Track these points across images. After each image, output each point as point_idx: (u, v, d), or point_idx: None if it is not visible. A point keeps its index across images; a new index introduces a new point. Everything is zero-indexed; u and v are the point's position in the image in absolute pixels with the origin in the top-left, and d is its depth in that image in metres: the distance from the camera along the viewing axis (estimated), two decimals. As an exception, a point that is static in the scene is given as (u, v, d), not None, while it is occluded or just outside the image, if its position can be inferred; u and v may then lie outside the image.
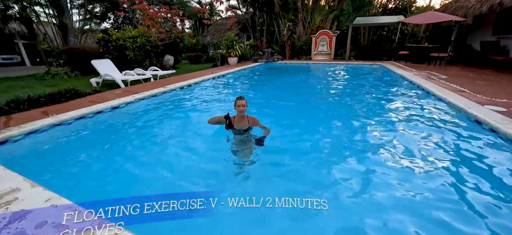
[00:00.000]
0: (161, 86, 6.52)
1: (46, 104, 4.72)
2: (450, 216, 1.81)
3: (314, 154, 3.02)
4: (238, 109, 2.84)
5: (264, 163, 2.65)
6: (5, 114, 4.08)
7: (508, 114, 3.48)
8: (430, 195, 2.06)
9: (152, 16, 12.06)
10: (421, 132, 3.37)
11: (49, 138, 3.39)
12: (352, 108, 4.91)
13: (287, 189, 2.27)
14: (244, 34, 17.84)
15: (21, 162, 2.78)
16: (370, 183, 2.31)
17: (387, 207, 1.95)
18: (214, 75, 8.72)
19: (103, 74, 7.29)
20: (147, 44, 10.14)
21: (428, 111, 4.24)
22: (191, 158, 2.88)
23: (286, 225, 1.77)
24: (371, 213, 1.92)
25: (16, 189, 1.92)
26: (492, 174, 2.34)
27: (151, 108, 4.86)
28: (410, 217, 1.82)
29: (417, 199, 2.03)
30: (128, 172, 2.60)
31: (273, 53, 14.74)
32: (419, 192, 2.11)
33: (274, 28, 17.38)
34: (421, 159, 2.66)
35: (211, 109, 4.86)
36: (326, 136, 3.61)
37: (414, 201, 2.01)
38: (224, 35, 16.42)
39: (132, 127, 3.88)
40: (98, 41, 9.81)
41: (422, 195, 2.07)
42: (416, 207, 1.94)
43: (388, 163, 2.62)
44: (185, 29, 21.10)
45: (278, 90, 7.16)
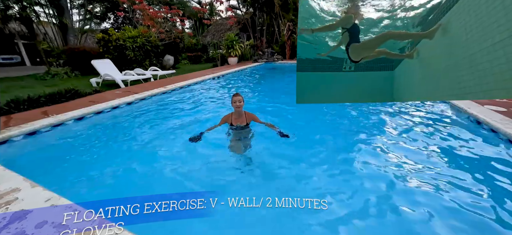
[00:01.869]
0: (161, 86, 6.52)
1: (46, 104, 4.72)
2: (450, 216, 1.81)
3: (314, 153, 3.01)
4: (234, 105, 2.85)
5: (264, 163, 2.65)
6: (5, 115, 4.08)
7: (508, 114, 3.48)
8: (429, 195, 2.06)
9: (152, 16, 12.07)
10: (420, 132, 3.37)
11: (49, 138, 3.39)
12: (353, 107, 4.90)
13: (287, 189, 2.27)
14: (244, 34, 17.84)
15: (21, 162, 2.78)
16: (370, 183, 2.31)
17: (387, 207, 1.95)
18: (214, 75, 8.72)
19: (103, 74, 7.28)
20: (147, 44, 10.14)
21: (428, 111, 4.24)
22: (191, 158, 2.88)
23: (286, 225, 1.77)
24: (371, 213, 1.91)
25: (16, 189, 1.92)
26: (492, 174, 2.34)
27: (151, 108, 4.86)
28: (410, 216, 1.82)
29: (417, 199, 2.02)
30: (128, 172, 2.60)
31: (273, 53, 14.75)
32: (418, 192, 2.11)
33: (274, 28, 17.38)
34: (420, 159, 2.65)
35: (211, 109, 4.86)
36: (327, 136, 3.60)
37: (414, 201, 2.01)
38: (224, 35, 16.44)
39: (132, 127, 3.88)
40: (98, 41, 9.82)
41: (421, 195, 2.06)
42: (416, 207, 1.93)
43: (388, 163, 2.61)
44: (185, 29, 21.09)
45: (278, 90, 7.16)
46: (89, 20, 16.98)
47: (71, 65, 10.07)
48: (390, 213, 1.89)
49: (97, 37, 9.99)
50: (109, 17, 20.51)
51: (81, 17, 16.05)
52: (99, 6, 18.94)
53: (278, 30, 17.26)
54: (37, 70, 11.12)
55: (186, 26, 23.07)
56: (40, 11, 12.69)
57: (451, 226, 1.72)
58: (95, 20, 19.08)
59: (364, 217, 1.88)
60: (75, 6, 15.63)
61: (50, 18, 13.20)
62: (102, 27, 20.12)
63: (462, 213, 1.85)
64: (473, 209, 1.88)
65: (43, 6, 12.69)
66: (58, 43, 13.37)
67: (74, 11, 15.45)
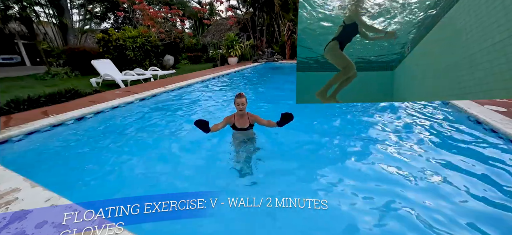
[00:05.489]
0: (161, 86, 6.52)
1: (46, 104, 4.72)
2: (449, 216, 1.81)
3: (315, 153, 3.01)
4: (237, 107, 2.78)
5: (265, 163, 2.65)
6: (5, 115, 4.08)
7: (508, 114, 3.48)
8: (429, 194, 2.06)
9: (152, 16, 12.07)
10: (420, 132, 3.37)
11: (49, 138, 3.39)
12: (353, 108, 4.90)
13: (287, 189, 2.27)
14: (244, 34, 17.84)
15: (21, 162, 2.78)
16: (370, 183, 2.31)
17: (387, 207, 1.95)
18: (214, 75, 8.72)
19: (103, 74, 7.28)
20: (147, 44, 10.14)
21: (428, 111, 4.24)
22: (192, 158, 2.88)
23: (286, 225, 1.77)
24: (371, 213, 1.91)
25: (16, 189, 1.92)
26: (492, 174, 2.34)
27: (151, 108, 4.86)
28: (410, 216, 1.82)
29: (417, 199, 2.02)
30: (128, 171, 2.60)
31: (273, 53, 14.75)
32: (418, 192, 2.11)
33: (274, 28, 17.37)
34: (420, 159, 2.66)
35: (211, 109, 4.86)
36: (327, 135, 3.60)
37: (414, 200, 2.01)
38: (224, 35, 16.43)
39: (132, 127, 3.88)
40: (98, 41, 9.82)
41: (421, 195, 2.07)
42: (416, 207, 1.93)
43: (387, 162, 2.61)
44: (185, 29, 21.09)
45: (278, 90, 7.16)
46: (89, 20, 16.98)
47: (71, 65, 10.07)
48: (390, 213, 1.89)
49: (97, 37, 9.99)
50: (109, 17, 20.50)
51: (81, 17, 16.05)
52: (99, 6, 18.92)
53: (278, 30, 17.26)
54: (37, 70, 11.11)
55: (186, 26, 23.06)
56: (40, 11, 12.70)
57: (451, 226, 1.72)
58: (95, 20, 19.06)
59: (365, 217, 1.87)
60: (75, 6, 15.63)
61: (50, 18, 13.19)
62: (102, 27, 20.11)
63: (462, 213, 1.85)
64: (473, 209, 1.88)
65: (43, 6, 12.68)
66: (58, 43, 13.37)
67: (74, 11, 15.45)
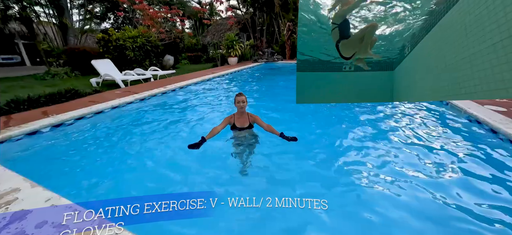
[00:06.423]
0: (161, 86, 6.52)
1: (46, 104, 4.72)
2: (449, 215, 1.81)
3: (315, 153, 3.01)
4: (238, 106, 2.80)
5: (265, 163, 2.65)
6: (5, 115, 4.08)
7: (508, 114, 3.48)
8: (429, 194, 2.06)
9: (152, 16, 12.06)
10: (420, 132, 3.37)
11: (49, 138, 3.39)
12: (353, 108, 4.90)
13: (287, 189, 2.27)
14: (244, 34, 17.83)
15: (21, 162, 2.78)
16: (371, 183, 2.31)
17: (387, 207, 1.95)
18: (214, 75, 8.72)
19: (103, 74, 7.28)
20: (147, 44, 10.14)
21: (428, 112, 4.24)
22: (192, 158, 2.87)
23: (286, 225, 1.77)
24: (371, 213, 1.91)
25: (16, 189, 1.92)
26: (492, 174, 2.34)
27: (151, 108, 4.86)
28: (410, 216, 1.82)
29: (417, 199, 2.02)
30: (128, 171, 2.60)
31: (273, 53, 14.75)
32: (418, 191, 2.11)
33: (274, 28, 17.37)
34: (420, 159, 2.66)
35: (211, 109, 4.86)
36: (327, 135, 3.61)
37: (414, 200, 2.01)
38: (224, 35, 16.42)
39: (132, 127, 3.88)
40: (98, 41, 9.82)
41: (421, 195, 2.07)
42: (416, 207, 1.94)
43: (388, 162, 2.61)
44: (185, 29, 21.09)
45: (278, 90, 7.16)
46: (89, 20, 16.97)
47: (71, 65, 10.06)
48: (390, 213, 1.89)
49: (97, 37, 9.99)
50: (109, 17, 20.49)
51: (81, 17, 16.05)
52: (99, 6, 18.91)
53: (278, 30, 17.25)
54: (37, 70, 11.10)
55: (186, 26, 23.07)
56: (40, 11, 12.71)
57: (451, 226, 1.73)
58: (95, 20, 19.05)
59: (365, 217, 1.88)
60: (75, 6, 15.63)
61: (50, 18, 13.20)
62: (102, 27, 20.11)
63: (462, 213, 1.85)
64: (472, 209, 1.88)
65: (43, 6, 12.68)
66: (58, 43, 13.36)
67: (74, 11, 15.45)
